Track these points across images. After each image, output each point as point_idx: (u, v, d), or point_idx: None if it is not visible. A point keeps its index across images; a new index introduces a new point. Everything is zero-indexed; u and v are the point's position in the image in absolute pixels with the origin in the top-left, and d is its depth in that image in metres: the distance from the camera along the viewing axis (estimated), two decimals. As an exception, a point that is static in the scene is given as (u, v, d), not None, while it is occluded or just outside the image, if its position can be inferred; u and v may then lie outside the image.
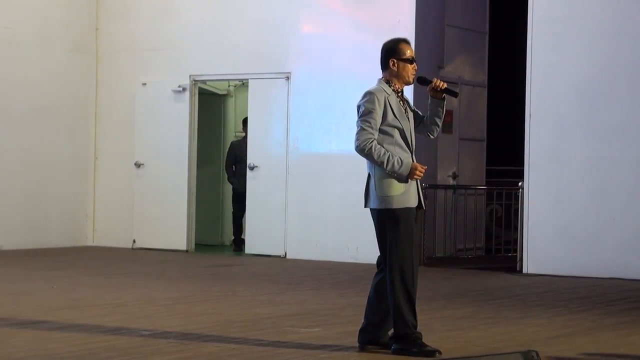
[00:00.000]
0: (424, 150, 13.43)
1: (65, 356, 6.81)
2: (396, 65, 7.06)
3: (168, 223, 15.10)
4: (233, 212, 15.57)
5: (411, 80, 7.12)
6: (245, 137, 15.50)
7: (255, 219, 14.61)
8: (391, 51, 7.10)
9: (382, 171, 6.93)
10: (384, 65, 7.11)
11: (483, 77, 15.72)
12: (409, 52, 7.10)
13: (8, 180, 14.76)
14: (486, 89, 15.77)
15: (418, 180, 7.04)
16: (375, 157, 6.89)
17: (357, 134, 6.96)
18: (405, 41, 7.15)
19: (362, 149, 6.91)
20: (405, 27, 13.33)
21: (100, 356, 6.81)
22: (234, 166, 15.43)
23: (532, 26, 12.94)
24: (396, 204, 6.91)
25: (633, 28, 12.49)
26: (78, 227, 15.69)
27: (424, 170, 6.96)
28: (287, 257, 14.27)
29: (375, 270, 7.15)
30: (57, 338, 7.46)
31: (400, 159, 6.91)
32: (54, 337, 7.49)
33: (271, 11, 14.58)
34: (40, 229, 15.12)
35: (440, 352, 6.88)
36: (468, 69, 15.42)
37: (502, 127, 16.00)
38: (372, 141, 6.90)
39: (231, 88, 16.68)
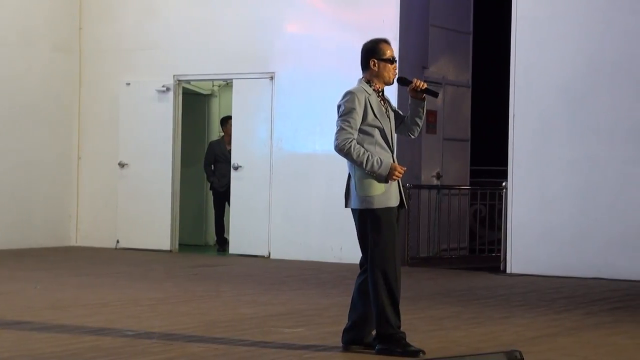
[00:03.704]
0: (408, 150, 13.47)
1: (48, 356, 6.79)
2: (377, 65, 7.06)
3: (152, 223, 15.07)
4: (214, 212, 15.60)
5: (392, 80, 7.11)
6: (223, 137, 15.53)
7: (239, 219, 14.59)
8: (371, 51, 7.10)
9: (362, 171, 6.93)
10: (364, 65, 7.11)
11: (467, 77, 15.75)
12: (389, 52, 7.10)
13: (-9, 180, 14.73)
14: (470, 89, 15.80)
15: (399, 180, 7.03)
16: (355, 157, 6.89)
17: (336, 133, 6.95)
18: (386, 41, 7.15)
19: (342, 149, 6.91)
20: (389, 27, 13.35)
21: (84, 356, 6.80)
22: (212, 165, 15.45)
23: (516, 26, 12.97)
24: (377, 204, 6.91)
25: (615, 29, 12.53)
26: (61, 227, 15.64)
27: (403, 171, 6.95)
28: (271, 257, 14.26)
29: (359, 270, 7.16)
30: (40, 338, 7.44)
31: (380, 158, 6.91)
32: (37, 338, 7.47)
33: (255, 11, 14.57)
34: (23, 229, 15.07)
35: (424, 352, 6.89)
36: (452, 69, 15.44)
37: (486, 127, 16.03)
38: (351, 141, 6.90)
39: (215, 88, 16.67)
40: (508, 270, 12.89)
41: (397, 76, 7.16)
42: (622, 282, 11.86)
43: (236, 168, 14.66)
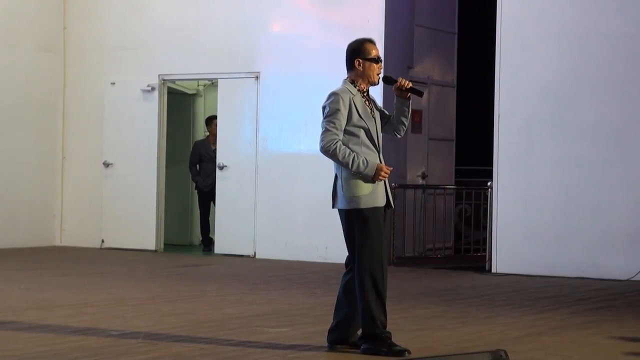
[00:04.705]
0: (393, 150, 13.47)
1: (33, 356, 6.77)
2: (361, 65, 7.06)
3: (137, 223, 15.04)
4: (200, 212, 15.59)
5: (376, 80, 7.11)
6: (208, 137, 15.52)
7: (225, 219, 14.58)
8: (356, 51, 7.09)
9: (348, 171, 6.93)
10: (349, 65, 7.10)
11: (452, 77, 15.78)
12: (374, 52, 7.10)
13: (-25, 180, 14.68)
14: (455, 89, 15.82)
15: (386, 180, 7.03)
16: (340, 158, 6.89)
17: (321, 134, 6.95)
18: (371, 41, 7.15)
19: (327, 150, 6.90)
20: (374, 27, 13.36)
21: (69, 356, 6.78)
22: (197, 165, 15.44)
23: (501, 27, 13.00)
24: (364, 204, 6.91)
25: (599, 30, 12.56)
26: (46, 227, 15.60)
27: (389, 172, 6.95)
28: (257, 257, 14.25)
29: (344, 270, 7.16)
30: (25, 338, 7.42)
31: (366, 159, 6.91)
32: (22, 338, 7.45)
33: (241, 11, 14.56)
34: (7, 228, 15.01)
35: (409, 352, 6.89)
36: (437, 69, 15.46)
37: (471, 127, 16.06)
38: (336, 142, 6.89)
39: (200, 87, 16.65)
40: (493, 270, 12.92)
41: (382, 75, 7.16)
42: (607, 282, 11.90)
43: (221, 168, 14.65)
